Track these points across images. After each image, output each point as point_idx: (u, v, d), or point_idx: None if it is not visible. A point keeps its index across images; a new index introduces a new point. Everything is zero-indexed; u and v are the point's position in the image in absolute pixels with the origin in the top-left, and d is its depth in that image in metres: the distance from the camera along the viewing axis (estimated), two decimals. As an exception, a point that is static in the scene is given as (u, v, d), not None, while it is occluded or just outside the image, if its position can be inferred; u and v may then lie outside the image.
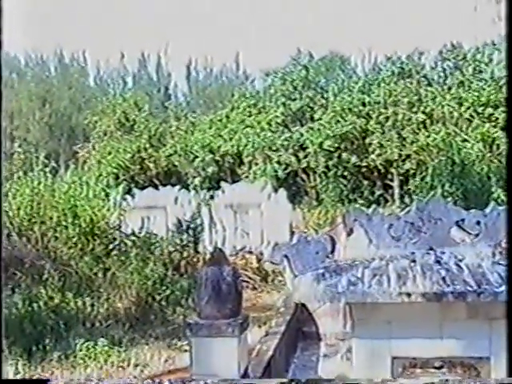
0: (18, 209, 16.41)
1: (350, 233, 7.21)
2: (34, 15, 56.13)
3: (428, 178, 25.23)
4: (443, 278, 6.07)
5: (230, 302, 6.63)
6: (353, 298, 6.01)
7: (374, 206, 7.92)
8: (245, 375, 6.83)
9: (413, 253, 6.48)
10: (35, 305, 12.72)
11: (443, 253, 6.48)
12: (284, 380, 7.57)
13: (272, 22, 61.74)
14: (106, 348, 10.81)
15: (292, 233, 19.33)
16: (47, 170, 18.17)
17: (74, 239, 15.77)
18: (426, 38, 48.16)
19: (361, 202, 28.06)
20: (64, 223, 16.10)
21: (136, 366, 10.54)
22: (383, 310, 6.19)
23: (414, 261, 6.31)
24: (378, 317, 6.23)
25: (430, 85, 31.88)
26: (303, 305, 11.22)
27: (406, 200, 27.72)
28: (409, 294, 5.95)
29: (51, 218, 16.15)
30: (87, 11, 61.41)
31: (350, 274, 5.99)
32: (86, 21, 60.55)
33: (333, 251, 6.55)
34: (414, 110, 30.03)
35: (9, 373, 10.04)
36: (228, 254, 8.82)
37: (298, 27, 56.17)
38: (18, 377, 9.95)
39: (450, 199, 17.80)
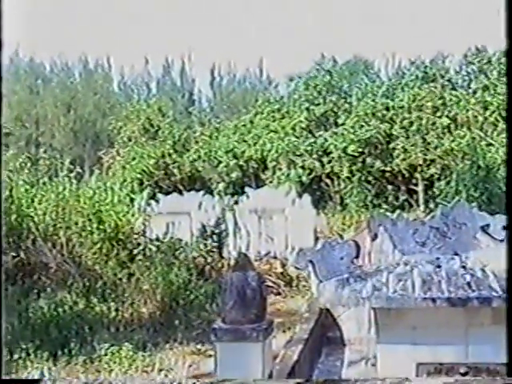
0: (44, 214, 16.50)
1: (374, 238, 7.20)
2: (59, 22, 56.55)
3: (453, 183, 25.11)
4: (468, 284, 6.02)
5: (254, 307, 6.61)
6: (377, 304, 5.97)
7: (398, 211, 7.91)
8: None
9: (438, 258, 6.44)
10: (60, 309, 12.78)
11: (468, 258, 6.43)
12: (300, 380, 7.56)
13: (295, 27, 61.72)
14: (131, 352, 10.82)
15: (316, 238, 19.28)
16: (72, 175, 18.25)
17: (99, 244, 15.83)
18: (450, 41, 47.87)
19: (385, 207, 27.93)
20: (89, 228, 16.17)
21: (160, 370, 10.53)
22: (408, 316, 6.15)
23: (438, 266, 6.26)
24: (402, 322, 6.19)
25: (454, 89, 31.75)
26: (327, 310, 11.19)
27: (431, 205, 27.58)
28: (434, 300, 5.91)
29: (76, 224, 16.23)
30: (112, 18, 61.75)
31: (374, 279, 5.95)
32: (110, 27, 60.88)
33: (357, 256, 6.53)
34: (439, 114, 29.91)
35: (34, 377, 10.09)
36: (252, 259, 8.81)
37: (321, 32, 56.12)
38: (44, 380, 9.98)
39: (474, 204, 17.69)
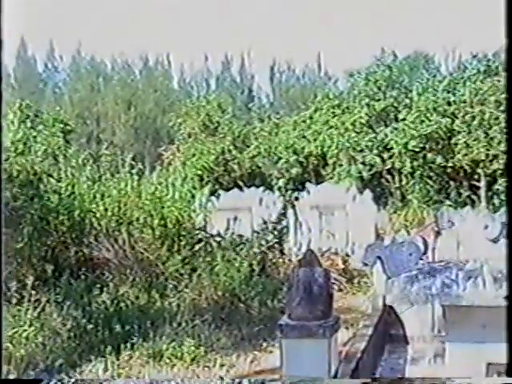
0: (106, 210, 16.65)
1: (438, 234, 7.06)
2: (120, 21, 57.20)
3: (517, 179, 24.63)
4: (541, 281, 5.86)
5: (321, 304, 6.56)
6: (447, 301, 5.86)
7: (461, 206, 7.77)
8: (335, 377, 6.77)
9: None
10: (123, 304, 12.88)
11: (541, 254, 6.26)
12: (367, 380, 7.49)
13: (354, 21, 61.36)
14: (193, 348, 10.84)
15: (377, 234, 19.15)
16: (134, 171, 18.38)
17: (160, 240, 15.91)
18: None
19: (448, 203, 27.63)
20: (150, 224, 16.26)
21: (222, 366, 10.54)
22: (478, 314, 6.01)
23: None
24: (472, 320, 6.05)
25: (518, 82, 31.12)
26: (390, 307, 11.09)
27: (495, 201, 27.17)
28: (505, 297, 5.77)
29: (138, 219, 16.33)
30: (171, 16, 62.20)
31: (443, 275, 5.83)
32: (169, 25, 61.35)
33: (425, 253, 6.41)
34: (502, 108, 29.37)
35: (99, 370, 10.20)
36: (315, 256, 8.71)
37: (381, 26, 55.67)
38: (108, 374, 10.10)
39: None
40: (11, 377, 9.67)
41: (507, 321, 5.75)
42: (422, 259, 6.09)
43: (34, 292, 12.16)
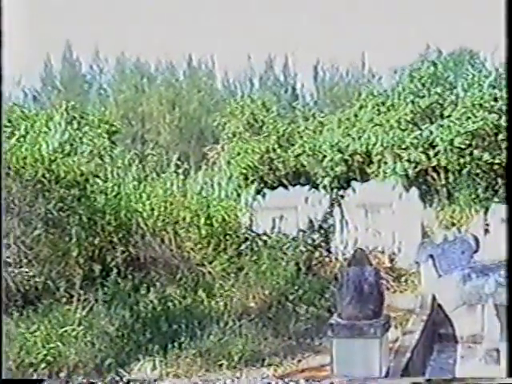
0: (152, 210, 16.72)
1: (486, 232, 6.92)
2: (164, 22, 57.53)
3: None
4: None
5: (371, 303, 6.50)
6: (500, 300, 5.76)
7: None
8: (386, 377, 6.71)
9: None
10: (170, 304, 12.94)
11: None
12: (420, 380, 7.40)
13: (398, 18, 60.90)
14: (240, 347, 10.85)
15: (424, 232, 18.94)
16: (179, 171, 18.45)
17: (207, 239, 15.95)
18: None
19: (496, 200, 27.21)
20: (196, 223, 16.31)
21: (269, 365, 10.53)
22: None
23: None
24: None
25: None
26: (439, 306, 10.98)
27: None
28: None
29: (184, 219, 16.38)
30: (214, 15, 62.37)
31: (496, 274, 5.73)
32: (212, 25, 61.53)
33: (477, 250, 6.30)
34: (550, 103, 28.86)
35: (147, 369, 10.26)
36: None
37: (425, 23, 55.19)
38: (156, 373, 10.16)
39: None
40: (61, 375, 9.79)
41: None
42: (473, 257, 5.99)
43: (82, 291, 12.31)
